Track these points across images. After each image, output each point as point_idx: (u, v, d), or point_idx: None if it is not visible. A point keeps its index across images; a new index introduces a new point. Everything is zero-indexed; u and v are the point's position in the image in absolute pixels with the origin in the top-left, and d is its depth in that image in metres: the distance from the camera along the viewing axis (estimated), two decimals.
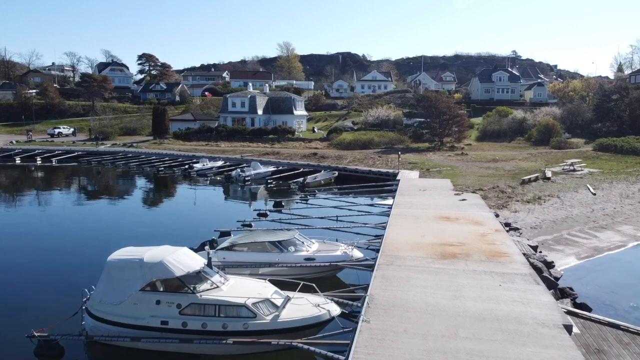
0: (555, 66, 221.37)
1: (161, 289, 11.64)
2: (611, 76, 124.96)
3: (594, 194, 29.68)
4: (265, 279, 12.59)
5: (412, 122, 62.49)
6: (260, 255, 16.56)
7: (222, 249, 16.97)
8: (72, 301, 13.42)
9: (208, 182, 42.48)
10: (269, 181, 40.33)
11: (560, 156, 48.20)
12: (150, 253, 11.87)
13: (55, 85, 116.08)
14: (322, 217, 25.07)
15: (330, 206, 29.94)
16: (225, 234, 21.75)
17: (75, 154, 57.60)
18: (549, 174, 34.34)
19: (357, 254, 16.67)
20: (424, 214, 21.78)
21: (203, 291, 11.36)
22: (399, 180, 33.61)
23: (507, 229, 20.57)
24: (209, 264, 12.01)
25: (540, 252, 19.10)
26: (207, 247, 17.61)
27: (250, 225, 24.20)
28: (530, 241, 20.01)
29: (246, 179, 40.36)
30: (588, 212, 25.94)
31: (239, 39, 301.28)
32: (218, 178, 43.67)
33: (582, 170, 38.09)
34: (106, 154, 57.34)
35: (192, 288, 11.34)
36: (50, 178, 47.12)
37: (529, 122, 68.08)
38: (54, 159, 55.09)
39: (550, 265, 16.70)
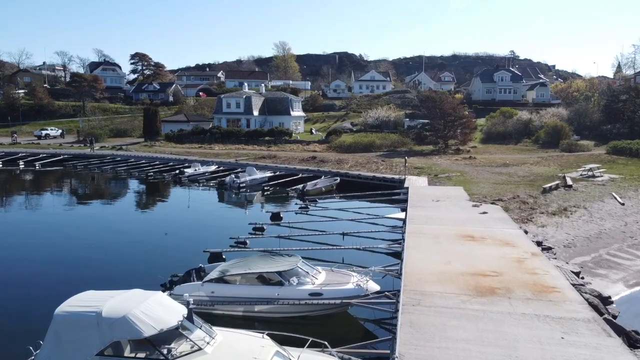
0: (554, 66, 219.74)
1: (126, 353, 8.81)
2: (611, 76, 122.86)
3: (622, 204, 27.02)
4: (263, 334, 9.72)
5: (415, 124, 59.74)
6: (256, 289, 13.74)
7: (210, 280, 14.11)
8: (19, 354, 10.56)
9: (200, 188, 39.57)
10: (265, 188, 37.53)
11: (573, 160, 45.62)
12: (111, 304, 8.96)
13: (45, 85, 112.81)
14: (325, 232, 22.27)
15: (334, 217, 27.21)
16: (216, 257, 18.96)
17: (61, 157, 54.56)
18: (569, 181, 31.66)
19: (373, 286, 13.87)
20: (444, 232, 19.01)
21: (181, 356, 8.53)
22: (407, 188, 30.84)
23: (540, 248, 17.81)
24: (190, 316, 9.18)
25: (583, 277, 16.39)
26: (193, 277, 14.83)
27: (244, 243, 21.42)
28: (570, 264, 17.29)
29: (241, 185, 37.51)
30: (621, 225, 23.25)
31: (235, 38, 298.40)
32: (211, 184, 40.77)
33: (602, 176, 35.44)
34: (93, 158, 54.32)
35: (166, 352, 8.52)
36: (27, 184, 44.02)
37: (535, 124, 65.54)
38: (37, 163, 52.04)
39: (606, 300, 13.95)
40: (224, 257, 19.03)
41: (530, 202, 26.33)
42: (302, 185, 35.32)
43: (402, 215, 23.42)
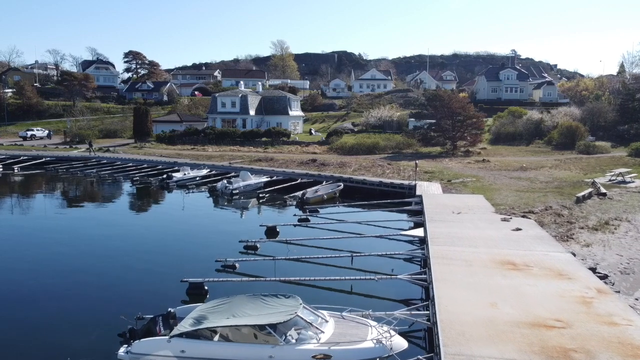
0: (555, 65, 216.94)
1: None
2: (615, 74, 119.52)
3: None
4: None
5: (422, 124, 56.13)
6: (241, 349, 10.17)
7: (181, 335, 10.50)
8: None
9: (189, 195, 35.97)
10: (260, 194, 33.96)
11: (595, 163, 42.15)
12: None
13: (36, 84, 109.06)
14: (330, 254, 18.72)
15: (338, 231, 23.66)
16: (195, 289, 15.36)
17: (43, 160, 50.88)
18: (602, 188, 28.14)
19: (399, 342, 10.33)
20: (477, 257, 15.48)
21: None
22: (420, 196, 27.31)
23: (603, 281, 14.28)
24: None
25: None
26: (159, 326, 11.24)
27: (233, 267, 17.88)
28: None
29: (233, 192, 33.92)
30: None
31: (232, 37, 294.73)
32: (202, 189, 37.19)
33: (633, 181, 31.96)
34: (77, 160, 50.68)
35: None
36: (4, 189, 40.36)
37: (547, 124, 62.16)
38: (16, 167, 48.35)
39: None
40: (206, 287, 15.44)
41: (565, 214, 22.79)
42: (301, 192, 31.75)
43: (420, 231, 19.87)
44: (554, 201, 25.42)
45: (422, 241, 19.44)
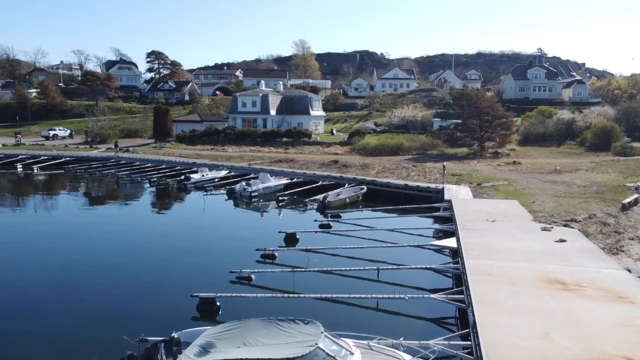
0: (583, 64, 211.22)
1: None
2: None
3: None
4: None
5: (448, 124, 54.09)
6: None
7: None
8: None
9: (206, 197, 34.84)
10: (280, 197, 32.62)
11: (634, 165, 39.59)
12: None
13: (60, 84, 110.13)
14: (354, 267, 17.17)
15: (362, 238, 22.14)
16: (206, 304, 14.03)
17: (62, 160, 50.52)
18: None
19: None
20: (520, 273, 13.78)
21: None
22: (449, 201, 25.57)
23: None
24: None
25: None
26: (161, 354, 9.90)
27: (249, 279, 16.52)
28: None
29: (252, 194, 32.69)
30: None
31: (254, 37, 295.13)
32: (221, 191, 36.05)
33: None
34: (96, 161, 50.17)
35: None
36: (11, 191, 39.87)
37: (579, 124, 59.41)
38: (35, 166, 48.07)
39: None
40: (218, 303, 14.10)
41: (611, 223, 20.83)
42: (322, 195, 30.29)
43: (451, 242, 18.19)
44: (597, 208, 23.41)
45: (455, 253, 17.80)
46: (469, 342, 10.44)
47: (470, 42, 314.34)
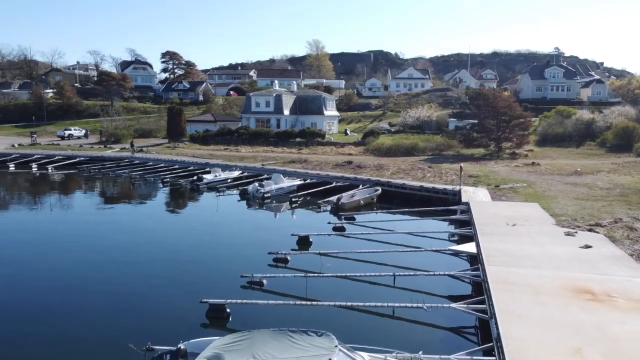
0: (602, 63, 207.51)
1: None
2: None
3: None
4: None
5: (464, 124, 53.15)
6: None
7: None
8: None
9: (219, 198, 34.49)
10: (293, 199, 32.14)
11: None
12: None
13: (76, 84, 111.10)
14: (369, 272, 16.55)
15: (377, 242, 21.58)
16: (216, 311, 13.55)
17: (77, 159, 50.67)
18: None
19: None
20: (544, 282, 13.06)
21: None
22: (466, 203, 24.84)
23: None
24: None
25: None
26: None
27: (260, 284, 16.02)
28: None
29: (265, 195, 32.26)
30: None
31: (268, 38, 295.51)
32: (234, 192, 35.66)
33: None
34: (109, 161, 50.21)
35: None
36: (25, 190, 39.93)
37: (599, 124, 58.08)
38: (50, 166, 48.24)
39: None
40: (228, 310, 13.61)
41: (638, 227, 19.91)
42: (336, 196, 29.72)
43: (470, 247, 17.50)
44: (622, 212, 22.49)
45: (474, 258, 17.11)
46: (493, 358, 9.80)
47: (485, 41, 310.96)
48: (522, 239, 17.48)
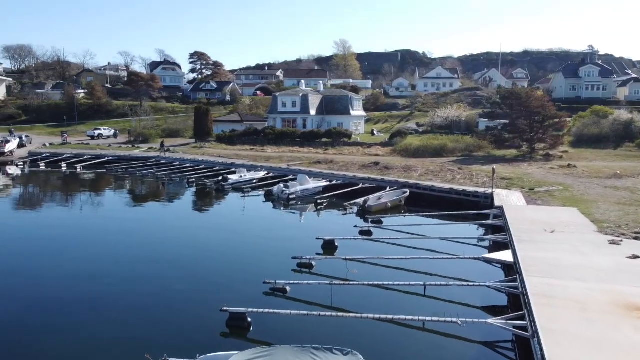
0: (639, 62, 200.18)
1: None
2: None
3: None
4: None
5: (496, 125, 51.54)
6: None
7: None
8: None
9: (244, 198, 34.07)
10: (318, 200, 31.48)
11: None
12: None
13: (107, 85, 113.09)
14: (398, 281, 15.65)
15: (405, 247, 20.69)
16: (236, 320, 12.95)
17: (105, 159, 51.19)
18: None
19: None
20: (590, 296, 12.01)
21: None
22: (500, 208, 23.71)
23: None
24: None
25: None
26: None
27: (283, 291, 15.38)
28: None
29: (290, 197, 31.68)
30: None
31: (295, 38, 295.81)
32: (259, 193, 35.21)
33: None
34: (136, 160, 50.52)
35: None
36: (53, 188, 40.33)
37: (639, 125, 55.56)
38: (79, 166, 48.81)
39: None
40: (249, 319, 12.99)
41: None
42: (363, 199, 28.93)
43: (506, 255, 16.47)
44: None
45: (510, 268, 16.11)
46: None
47: (516, 40, 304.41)
48: (562, 247, 16.36)
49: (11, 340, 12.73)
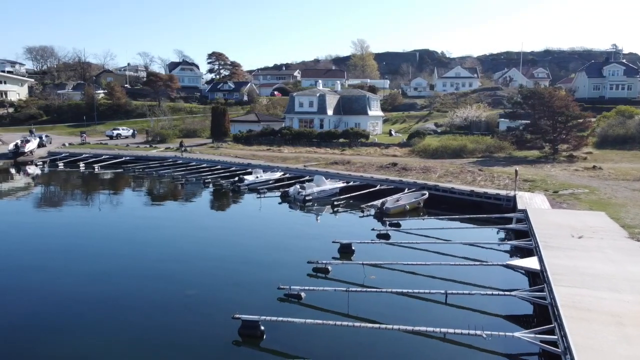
0: None
1: None
2: None
3: None
4: None
5: (517, 125, 50.34)
6: None
7: None
8: None
9: (260, 199, 33.67)
10: (335, 202, 30.91)
11: None
12: None
13: (126, 85, 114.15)
14: (417, 289, 14.95)
15: (425, 251, 20.03)
16: (249, 328, 12.44)
17: (122, 159, 51.37)
18: None
19: None
20: (626, 309, 11.22)
21: None
22: (523, 211, 22.84)
23: None
24: None
25: None
26: None
27: (298, 297, 14.81)
28: None
29: (306, 198, 31.15)
30: None
31: (313, 38, 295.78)
32: (275, 193, 34.77)
33: None
34: (154, 160, 50.57)
35: None
36: (68, 188, 40.45)
37: None
38: (96, 165, 49.02)
39: None
40: (262, 328, 12.45)
41: None
42: (380, 201, 28.29)
43: (532, 262, 15.67)
44: None
45: (536, 275, 15.33)
46: None
47: (537, 39, 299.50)
48: (592, 255, 15.52)
49: (27, 338, 12.48)
